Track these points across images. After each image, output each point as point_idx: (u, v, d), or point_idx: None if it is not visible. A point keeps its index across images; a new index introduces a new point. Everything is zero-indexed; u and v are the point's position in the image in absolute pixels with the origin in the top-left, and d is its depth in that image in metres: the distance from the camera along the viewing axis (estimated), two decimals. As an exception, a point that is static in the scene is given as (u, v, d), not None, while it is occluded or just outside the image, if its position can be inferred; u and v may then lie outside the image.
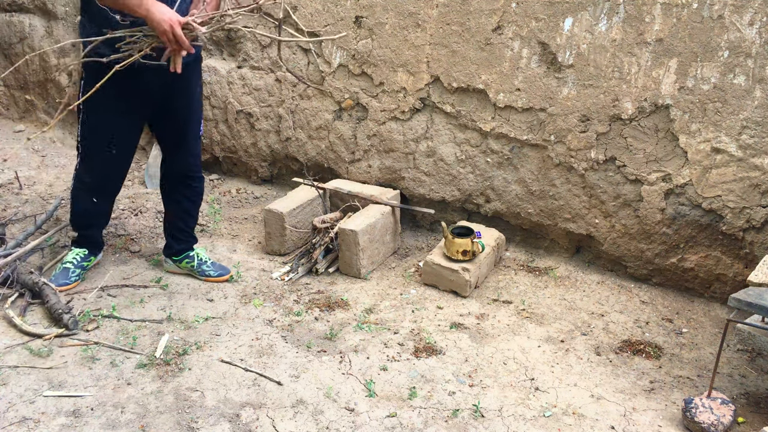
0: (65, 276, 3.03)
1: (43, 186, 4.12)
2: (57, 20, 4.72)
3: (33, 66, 4.91)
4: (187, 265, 3.19)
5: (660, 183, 3.07)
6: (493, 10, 3.21)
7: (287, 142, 4.06)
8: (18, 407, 2.31)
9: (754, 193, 2.89)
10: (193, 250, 3.21)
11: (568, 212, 3.36)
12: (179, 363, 2.58)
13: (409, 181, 3.72)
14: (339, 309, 3.01)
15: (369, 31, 3.56)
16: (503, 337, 2.83)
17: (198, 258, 3.20)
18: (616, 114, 3.07)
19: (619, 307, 3.10)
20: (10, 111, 5.17)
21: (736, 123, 2.84)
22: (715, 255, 3.07)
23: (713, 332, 2.93)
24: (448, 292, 3.19)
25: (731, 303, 2.25)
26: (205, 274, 3.18)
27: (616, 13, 2.97)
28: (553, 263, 3.47)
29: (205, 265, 3.20)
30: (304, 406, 2.38)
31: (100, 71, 2.52)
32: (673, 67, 2.91)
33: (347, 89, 3.73)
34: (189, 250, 3.19)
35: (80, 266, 3.09)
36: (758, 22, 2.70)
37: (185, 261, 3.18)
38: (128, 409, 2.33)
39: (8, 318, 2.77)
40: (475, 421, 2.33)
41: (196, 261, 3.19)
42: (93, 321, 2.80)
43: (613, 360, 2.71)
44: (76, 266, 3.07)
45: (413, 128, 3.60)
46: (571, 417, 2.37)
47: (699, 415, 2.28)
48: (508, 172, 3.44)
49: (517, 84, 3.26)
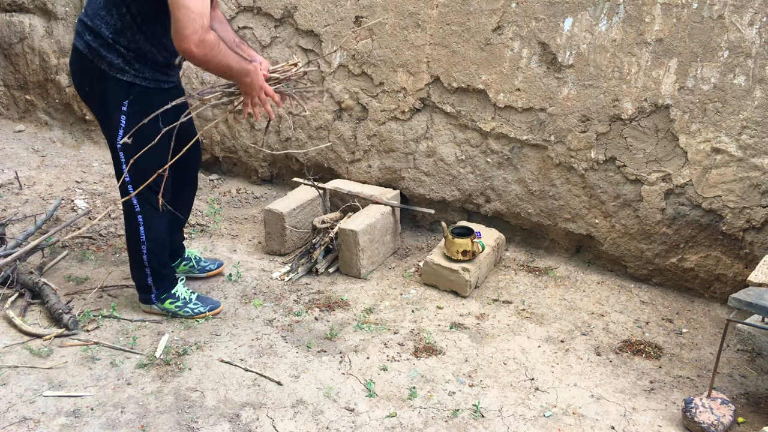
0: None
1: (43, 186, 4.12)
2: (57, 20, 4.72)
3: (33, 66, 4.91)
4: (186, 267, 3.18)
5: (660, 183, 3.07)
6: (493, 10, 3.21)
7: (287, 142, 4.06)
8: (18, 407, 2.31)
9: (754, 193, 2.89)
10: (185, 251, 3.21)
11: (568, 212, 3.36)
12: (179, 363, 2.58)
13: (409, 181, 3.72)
14: (339, 309, 3.01)
15: (369, 31, 3.56)
16: (503, 337, 2.83)
17: (194, 257, 3.21)
18: (616, 114, 3.07)
19: (619, 307, 3.10)
20: (10, 111, 5.17)
21: (736, 123, 2.84)
22: (715, 255, 3.07)
23: (713, 332, 2.93)
24: (448, 292, 3.19)
25: (731, 303, 2.25)
26: (207, 269, 3.21)
27: (616, 13, 2.97)
28: (553, 263, 3.47)
29: (203, 261, 3.22)
30: (304, 406, 2.38)
31: (151, 103, 2.43)
32: (673, 67, 2.91)
33: (347, 89, 3.73)
34: (183, 253, 3.19)
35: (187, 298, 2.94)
36: (758, 22, 2.70)
37: (183, 264, 3.18)
38: (128, 409, 2.33)
39: (8, 318, 2.77)
40: (475, 421, 2.33)
41: (194, 260, 3.19)
42: (93, 321, 2.80)
43: (613, 360, 2.71)
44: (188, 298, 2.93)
45: (413, 128, 3.60)
46: (571, 417, 2.37)
47: (699, 415, 2.28)
48: (508, 172, 3.44)
49: (517, 84, 3.26)
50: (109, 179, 4.37)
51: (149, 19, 2.36)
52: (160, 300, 2.86)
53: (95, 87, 2.45)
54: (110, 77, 2.40)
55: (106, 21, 2.35)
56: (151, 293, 2.84)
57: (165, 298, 2.86)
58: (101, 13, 2.35)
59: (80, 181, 4.26)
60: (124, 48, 2.38)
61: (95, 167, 4.57)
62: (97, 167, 4.57)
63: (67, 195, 4.00)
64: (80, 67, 2.46)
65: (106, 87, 2.42)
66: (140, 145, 2.39)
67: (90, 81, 2.45)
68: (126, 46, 2.38)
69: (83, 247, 3.45)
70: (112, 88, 2.42)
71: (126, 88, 2.43)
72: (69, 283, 3.12)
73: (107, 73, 2.39)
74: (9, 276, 2.95)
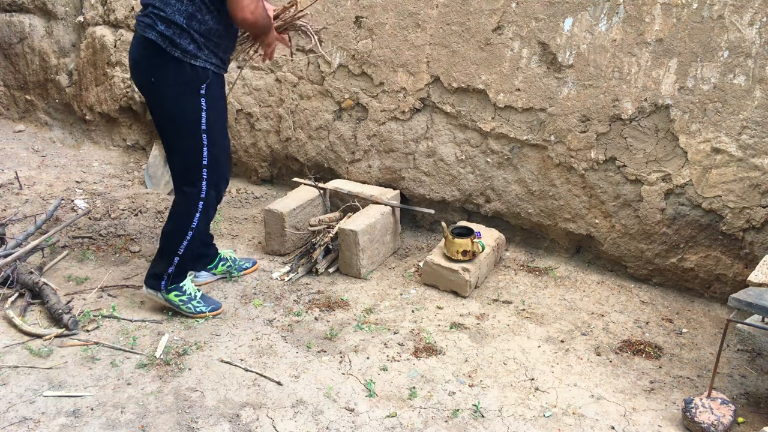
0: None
1: (43, 186, 4.12)
2: (57, 20, 4.72)
3: (33, 66, 4.91)
4: (224, 267, 3.21)
5: (660, 183, 3.07)
6: (493, 10, 3.21)
7: (287, 142, 4.06)
8: (18, 407, 2.31)
9: (754, 193, 2.89)
10: (219, 251, 3.22)
11: (568, 212, 3.36)
12: (179, 363, 2.58)
13: (409, 181, 3.72)
14: (339, 309, 3.01)
15: (369, 31, 3.56)
16: (503, 337, 2.83)
17: (230, 257, 3.24)
18: (616, 114, 3.07)
19: (619, 307, 3.10)
20: (10, 111, 5.17)
21: (736, 123, 2.84)
22: (715, 255, 3.07)
23: (713, 332, 2.93)
24: (448, 292, 3.19)
25: (731, 303, 2.25)
26: (244, 267, 3.27)
27: (616, 13, 2.97)
28: (553, 263, 3.47)
29: (240, 260, 3.27)
30: (304, 406, 2.38)
31: (217, 86, 2.65)
32: (673, 67, 2.91)
33: (347, 89, 3.73)
34: (215, 252, 3.20)
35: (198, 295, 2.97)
36: (758, 22, 2.70)
37: (221, 264, 3.20)
38: (128, 409, 2.33)
39: (8, 318, 2.77)
40: (475, 421, 2.33)
41: (231, 260, 3.23)
42: (93, 321, 2.80)
43: (613, 360, 2.71)
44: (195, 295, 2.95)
45: (413, 128, 3.60)
46: (571, 417, 2.37)
47: (699, 415, 2.28)
48: (508, 172, 3.44)
49: (517, 84, 3.26)
50: (109, 179, 4.37)
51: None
52: (167, 290, 2.85)
53: (168, 75, 2.54)
54: (185, 64, 2.53)
55: (178, 9, 2.48)
56: (161, 281, 2.84)
57: (172, 289, 2.86)
58: (171, 2, 2.48)
59: (80, 181, 4.26)
60: (197, 32, 2.50)
61: (95, 167, 4.57)
62: (97, 167, 4.58)
63: (67, 195, 4.00)
64: (150, 57, 2.54)
65: (182, 74, 2.54)
66: (216, 129, 2.66)
67: (162, 70, 2.54)
68: (197, 30, 2.50)
69: (83, 247, 3.45)
70: (189, 74, 2.55)
71: (201, 72, 2.56)
72: (69, 283, 3.12)
73: (182, 60, 2.52)
74: (9, 276, 2.95)
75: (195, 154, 2.67)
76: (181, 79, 2.54)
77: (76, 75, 4.76)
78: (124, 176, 4.47)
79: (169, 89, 2.57)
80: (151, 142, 4.63)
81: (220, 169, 2.77)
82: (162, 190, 4.26)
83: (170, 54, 2.49)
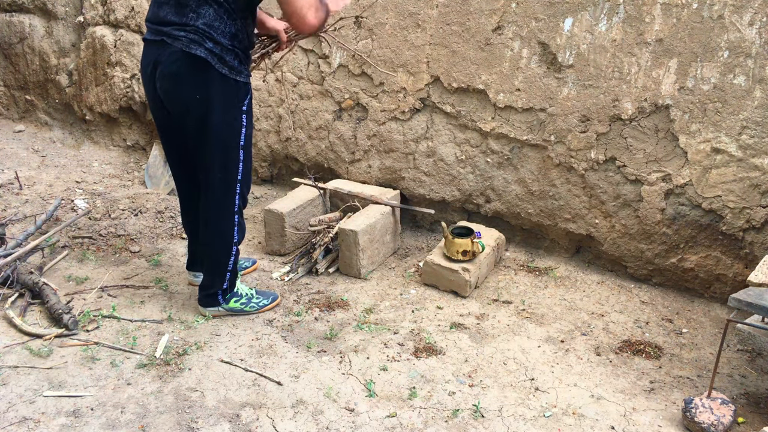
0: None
1: (43, 186, 4.12)
2: (57, 20, 4.72)
3: (33, 66, 4.91)
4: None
5: (660, 183, 3.07)
6: (493, 10, 3.21)
7: (287, 142, 4.06)
8: (18, 407, 2.31)
9: (754, 193, 2.89)
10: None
11: (568, 212, 3.36)
12: (179, 363, 2.58)
13: (409, 181, 3.72)
14: (339, 309, 3.01)
15: (369, 31, 3.56)
16: (503, 337, 2.83)
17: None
18: (616, 114, 3.07)
19: (619, 307, 3.10)
20: (10, 111, 5.17)
21: (736, 123, 2.84)
22: (715, 255, 3.07)
23: (713, 332, 2.93)
24: (448, 292, 3.19)
25: (731, 303, 2.25)
26: (243, 267, 3.28)
27: (616, 13, 2.97)
28: (553, 263, 3.47)
29: (240, 260, 3.16)
30: (304, 406, 2.38)
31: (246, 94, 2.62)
32: (673, 67, 2.91)
33: (347, 89, 3.73)
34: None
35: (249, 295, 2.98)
36: (758, 22, 2.70)
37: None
38: (128, 409, 2.33)
39: (8, 318, 2.77)
40: (475, 421, 2.33)
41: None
42: (93, 321, 2.80)
43: (613, 360, 2.71)
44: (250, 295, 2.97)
45: (413, 128, 3.60)
46: (571, 417, 2.37)
47: (699, 415, 2.28)
48: (508, 173, 3.44)
49: (517, 84, 3.26)
50: (109, 179, 4.37)
51: (244, 7, 2.50)
52: (225, 300, 2.88)
53: (216, 92, 2.51)
54: (230, 80, 2.52)
55: (221, 30, 2.47)
56: (218, 297, 2.85)
57: (230, 297, 2.89)
58: (215, 24, 2.46)
59: (80, 181, 4.26)
60: (239, 49, 2.52)
61: (95, 167, 4.57)
62: (97, 167, 4.58)
63: (67, 195, 4.00)
64: (195, 73, 2.49)
65: (228, 90, 2.53)
66: (249, 143, 2.65)
67: (210, 86, 2.51)
68: (239, 47, 2.52)
69: (83, 247, 3.45)
70: (231, 91, 2.54)
71: (243, 87, 2.57)
72: (69, 283, 3.12)
73: (228, 77, 2.51)
74: (9, 276, 2.95)
75: (232, 170, 2.66)
76: (228, 95, 2.54)
77: (76, 75, 4.76)
78: (124, 176, 4.47)
79: (217, 106, 2.53)
80: (151, 142, 4.63)
81: (248, 182, 2.78)
82: (162, 190, 4.25)
83: (218, 71, 2.48)
